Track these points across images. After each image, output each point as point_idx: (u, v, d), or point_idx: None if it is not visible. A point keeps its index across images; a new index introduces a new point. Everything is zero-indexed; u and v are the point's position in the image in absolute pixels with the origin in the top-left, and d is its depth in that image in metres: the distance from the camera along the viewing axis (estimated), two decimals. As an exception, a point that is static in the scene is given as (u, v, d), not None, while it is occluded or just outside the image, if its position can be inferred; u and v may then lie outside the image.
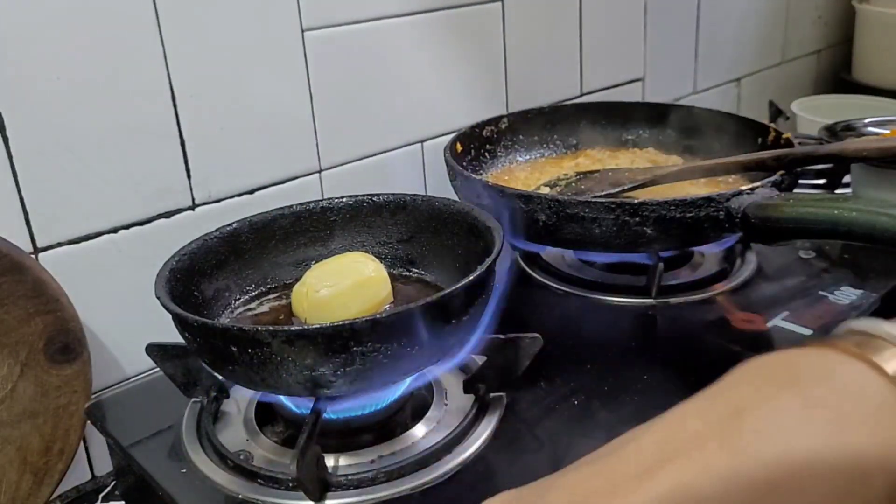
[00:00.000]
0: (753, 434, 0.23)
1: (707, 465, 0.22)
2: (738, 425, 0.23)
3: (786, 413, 0.23)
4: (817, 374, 0.24)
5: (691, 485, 0.22)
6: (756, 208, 0.61)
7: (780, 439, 0.22)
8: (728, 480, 0.22)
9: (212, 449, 0.55)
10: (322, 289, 0.57)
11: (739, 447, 0.22)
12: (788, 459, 0.22)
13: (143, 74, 0.65)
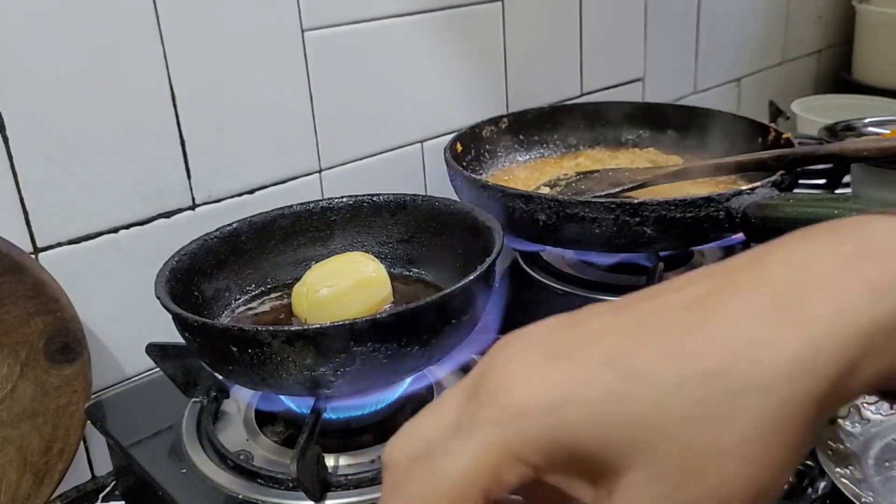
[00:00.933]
0: (781, 260, 0.24)
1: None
2: (770, 254, 0.24)
3: (814, 247, 0.24)
4: (852, 226, 0.25)
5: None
6: (756, 208, 0.61)
7: (803, 263, 0.24)
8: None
9: (212, 449, 0.55)
10: (322, 289, 0.57)
11: (764, 267, 0.24)
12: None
13: (143, 74, 0.65)
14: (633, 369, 0.22)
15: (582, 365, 0.23)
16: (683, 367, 0.22)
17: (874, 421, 0.66)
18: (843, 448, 0.63)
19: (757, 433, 0.21)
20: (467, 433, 0.23)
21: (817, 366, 0.22)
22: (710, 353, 0.22)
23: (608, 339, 0.23)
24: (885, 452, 0.63)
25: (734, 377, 0.21)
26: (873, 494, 0.57)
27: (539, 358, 0.23)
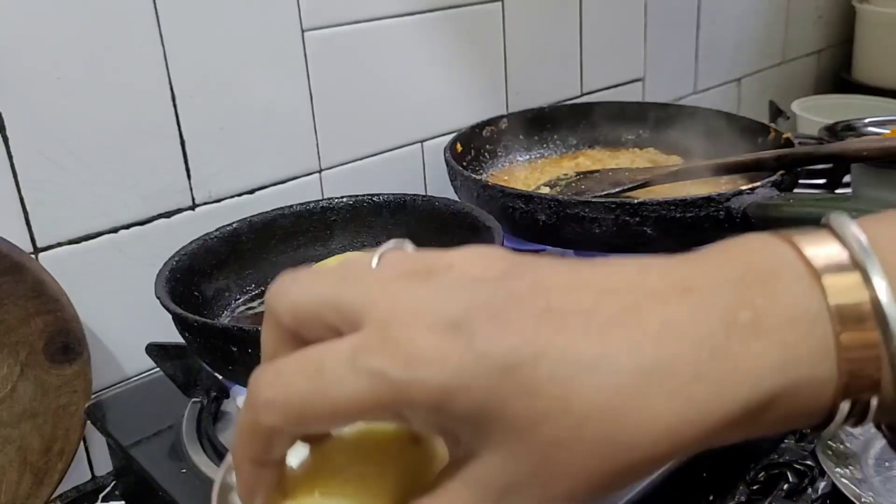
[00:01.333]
0: (688, 314, 0.24)
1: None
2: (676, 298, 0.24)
3: (719, 303, 0.24)
4: (760, 278, 0.25)
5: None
6: (756, 208, 0.61)
7: (703, 328, 0.24)
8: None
9: (212, 449, 0.55)
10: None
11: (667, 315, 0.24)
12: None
13: (143, 74, 0.65)
14: (526, 372, 0.23)
15: (482, 352, 0.23)
16: (569, 387, 0.23)
17: (874, 421, 0.66)
18: (843, 448, 0.63)
19: (602, 471, 0.23)
20: (363, 372, 0.23)
21: (680, 439, 0.23)
22: (594, 390, 0.23)
23: (511, 329, 0.23)
24: (886, 452, 0.63)
25: (605, 419, 0.23)
26: (873, 494, 0.57)
27: (444, 326, 0.23)
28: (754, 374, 0.23)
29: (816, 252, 0.24)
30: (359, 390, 0.23)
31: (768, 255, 0.26)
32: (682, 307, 0.24)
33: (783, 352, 0.23)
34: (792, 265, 0.25)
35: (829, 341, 0.23)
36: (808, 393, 0.24)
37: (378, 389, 0.23)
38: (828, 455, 0.61)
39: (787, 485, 0.58)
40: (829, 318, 0.23)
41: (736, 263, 0.26)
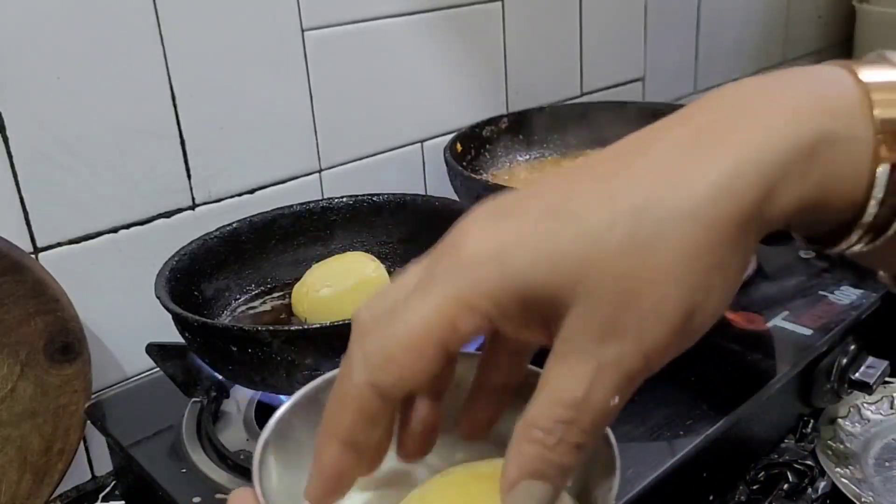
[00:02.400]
0: (715, 97, 0.25)
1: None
2: (705, 97, 0.26)
3: (748, 85, 0.25)
4: (800, 75, 0.26)
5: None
6: (756, 208, 0.61)
7: (734, 97, 0.25)
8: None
9: (212, 449, 0.55)
10: (322, 289, 0.57)
11: (697, 105, 0.25)
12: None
13: (143, 74, 0.65)
14: (568, 213, 0.24)
15: (523, 217, 0.24)
16: (614, 205, 0.23)
17: (874, 421, 0.66)
18: (844, 448, 0.63)
19: (684, 256, 0.23)
20: (425, 289, 0.25)
21: (738, 190, 0.23)
22: (637, 189, 0.23)
23: (546, 193, 0.25)
24: (885, 452, 0.63)
25: (660, 208, 0.23)
26: (873, 494, 0.57)
27: (488, 218, 0.25)
28: (793, 115, 0.24)
29: (869, 71, 0.25)
30: (429, 303, 0.24)
31: (810, 68, 0.26)
32: (708, 97, 0.25)
33: (821, 102, 0.24)
34: (835, 70, 0.26)
35: (867, 110, 0.24)
36: (847, 148, 0.24)
37: (444, 293, 0.24)
38: (828, 455, 0.61)
39: (787, 485, 0.58)
40: (867, 98, 0.24)
41: (778, 76, 0.26)
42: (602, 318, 0.23)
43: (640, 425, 0.53)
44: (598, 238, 0.23)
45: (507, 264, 0.24)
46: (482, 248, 0.24)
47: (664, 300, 0.23)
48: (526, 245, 0.24)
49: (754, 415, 0.58)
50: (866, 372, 0.64)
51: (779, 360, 0.61)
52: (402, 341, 0.24)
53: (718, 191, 0.23)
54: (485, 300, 0.24)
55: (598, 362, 0.23)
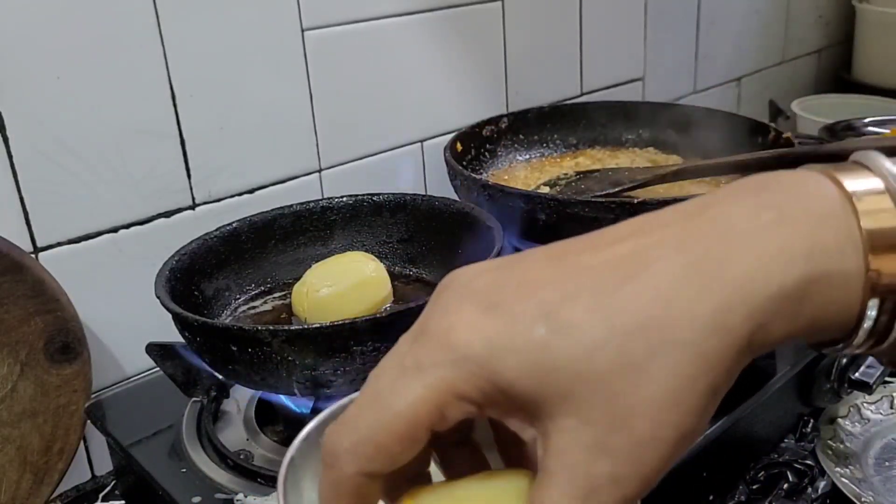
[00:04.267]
0: (709, 221, 0.25)
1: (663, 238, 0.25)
2: (700, 214, 0.25)
3: (739, 209, 0.25)
4: (783, 186, 0.26)
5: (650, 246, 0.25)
6: (756, 208, 0.61)
7: (726, 226, 0.25)
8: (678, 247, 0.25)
9: (212, 448, 0.55)
10: (322, 288, 0.57)
11: (692, 227, 0.25)
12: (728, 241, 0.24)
13: (143, 74, 0.65)
14: (563, 322, 0.23)
15: (516, 317, 0.24)
16: (609, 322, 0.23)
17: (874, 420, 0.66)
18: (843, 448, 0.63)
19: (678, 383, 0.23)
20: (412, 375, 0.24)
21: (730, 325, 0.23)
22: (633, 309, 0.23)
23: (541, 292, 0.24)
24: (885, 452, 0.63)
25: (655, 333, 0.23)
26: (873, 494, 0.57)
27: (477, 308, 0.25)
28: (783, 257, 0.24)
29: (850, 180, 0.25)
30: (416, 390, 0.24)
31: (797, 176, 0.26)
32: (702, 218, 0.25)
33: (810, 240, 0.24)
34: (820, 181, 0.26)
35: (855, 235, 0.24)
36: (839, 284, 0.24)
37: (431, 381, 0.24)
38: (828, 455, 0.61)
39: (787, 484, 0.58)
40: (853, 216, 0.24)
41: (760, 179, 0.26)
42: (595, 437, 0.23)
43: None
44: (591, 355, 0.23)
45: (497, 365, 0.24)
46: (471, 342, 0.24)
47: (661, 426, 0.23)
48: (518, 351, 0.24)
49: (754, 415, 0.58)
50: (866, 372, 0.64)
51: (779, 359, 0.61)
52: (392, 429, 0.24)
53: (710, 325, 0.23)
54: (474, 392, 0.24)
55: (592, 484, 0.23)
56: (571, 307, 0.24)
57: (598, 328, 0.23)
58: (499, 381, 0.24)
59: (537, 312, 0.24)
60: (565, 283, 0.24)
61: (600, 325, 0.23)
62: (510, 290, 0.25)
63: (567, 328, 0.23)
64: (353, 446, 0.24)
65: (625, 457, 0.23)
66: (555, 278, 0.25)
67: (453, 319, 0.24)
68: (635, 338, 0.23)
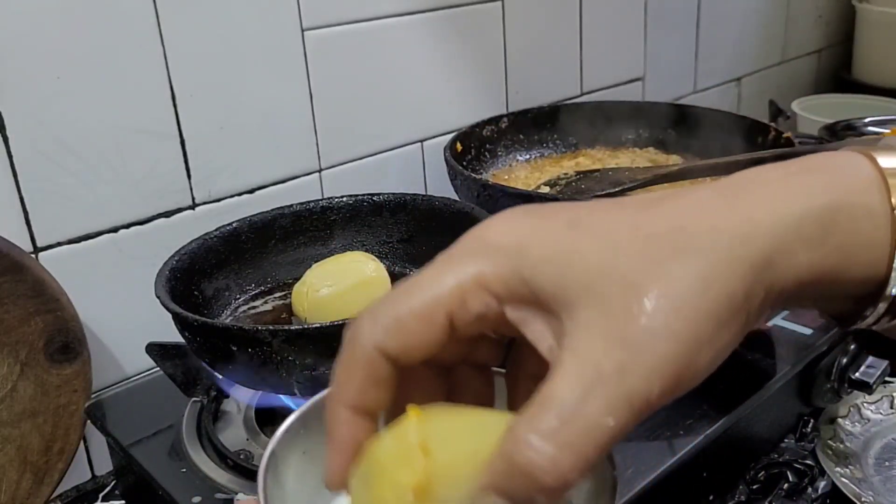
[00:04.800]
0: (741, 177, 0.27)
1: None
2: (734, 177, 0.27)
3: (770, 170, 0.27)
4: (818, 160, 0.27)
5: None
6: (756, 208, 0.61)
7: (757, 177, 0.26)
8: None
9: (212, 448, 0.55)
10: (322, 288, 0.57)
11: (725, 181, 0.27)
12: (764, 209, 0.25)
13: (143, 74, 0.65)
14: (592, 226, 0.25)
15: (550, 220, 0.26)
16: (635, 228, 0.25)
17: (874, 420, 0.66)
18: (844, 447, 0.63)
19: (696, 285, 0.23)
20: (441, 267, 0.26)
21: (751, 237, 0.24)
22: (660, 220, 0.25)
23: (578, 208, 0.26)
24: (885, 452, 0.63)
25: (679, 238, 0.24)
26: (873, 494, 0.57)
27: (516, 214, 0.27)
28: (808, 188, 0.25)
29: (885, 158, 0.26)
30: (443, 275, 0.25)
31: (829, 151, 0.28)
32: (736, 177, 0.27)
33: (836, 180, 0.26)
34: (853, 157, 0.27)
35: (881, 183, 0.26)
36: (864, 217, 0.25)
37: (459, 268, 0.25)
38: (828, 455, 0.61)
39: (787, 484, 0.58)
40: (882, 181, 0.26)
41: (794, 161, 0.27)
42: (610, 327, 0.23)
43: (640, 425, 0.53)
44: (615, 253, 0.24)
45: (524, 256, 0.25)
46: (505, 237, 0.26)
47: (676, 318, 0.23)
48: (545, 242, 0.25)
49: (754, 414, 0.58)
50: (866, 371, 0.64)
51: (779, 359, 0.61)
52: (414, 309, 0.25)
53: (733, 235, 0.24)
54: (498, 282, 0.25)
55: (599, 372, 0.23)
56: (601, 217, 0.25)
57: (624, 232, 0.25)
58: (524, 272, 0.25)
59: (569, 217, 0.26)
60: (601, 208, 0.26)
61: (626, 230, 0.25)
62: (551, 209, 0.27)
63: (594, 230, 0.25)
64: (372, 321, 0.26)
65: (636, 346, 0.23)
66: (593, 206, 0.27)
67: (491, 223, 0.26)
68: (660, 241, 0.24)
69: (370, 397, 0.26)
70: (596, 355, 0.23)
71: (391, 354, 0.25)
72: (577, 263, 0.24)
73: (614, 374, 0.22)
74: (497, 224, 0.26)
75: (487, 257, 0.25)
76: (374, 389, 0.26)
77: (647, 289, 0.23)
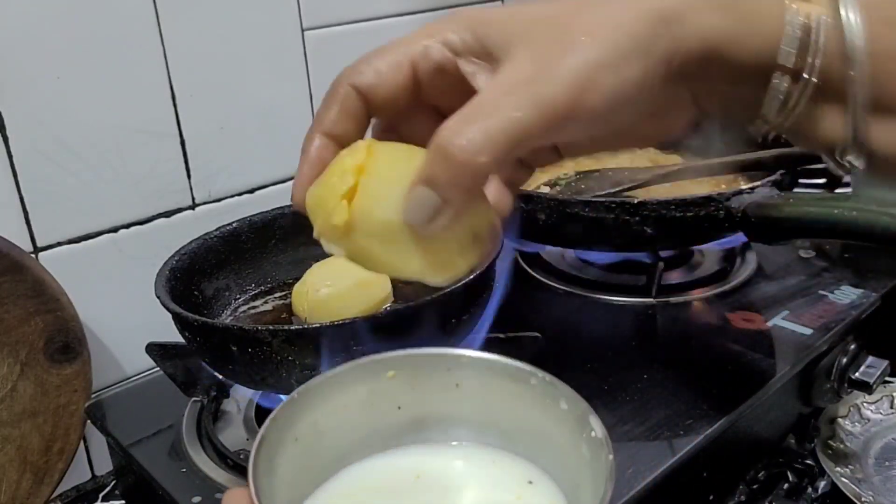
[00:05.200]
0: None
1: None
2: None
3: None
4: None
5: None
6: (756, 207, 0.61)
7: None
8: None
9: (212, 448, 0.55)
10: (322, 288, 0.57)
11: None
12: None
13: (143, 74, 0.65)
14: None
15: (508, 4, 0.31)
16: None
17: (874, 420, 0.67)
18: (844, 447, 0.63)
19: (607, 20, 0.28)
20: (419, 30, 0.31)
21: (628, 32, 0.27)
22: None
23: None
24: (885, 451, 0.63)
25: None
26: (873, 493, 0.57)
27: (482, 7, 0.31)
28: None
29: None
30: (414, 33, 0.31)
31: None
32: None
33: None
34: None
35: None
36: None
37: (427, 27, 0.31)
38: (828, 455, 0.61)
39: (787, 484, 0.58)
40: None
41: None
42: (534, 54, 0.28)
43: (640, 425, 0.53)
44: (553, 9, 0.29)
45: (483, 21, 0.30)
46: (474, 11, 0.31)
47: (593, 52, 0.27)
48: (494, 12, 0.30)
49: (754, 415, 0.58)
50: (866, 371, 0.64)
51: (779, 359, 0.61)
52: (386, 57, 0.31)
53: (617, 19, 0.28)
54: (456, 40, 0.30)
55: (515, 81, 0.28)
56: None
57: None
58: (479, 31, 0.30)
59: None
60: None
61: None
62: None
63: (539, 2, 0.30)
64: (352, 68, 0.31)
65: (548, 61, 0.27)
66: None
67: (462, 9, 0.31)
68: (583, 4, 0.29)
69: (341, 127, 0.32)
70: (513, 73, 0.28)
71: (362, 90, 0.31)
72: (521, 18, 0.29)
73: (525, 82, 0.27)
74: (466, 9, 0.32)
75: (454, 23, 0.31)
76: (345, 120, 0.32)
77: (570, 27, 0.28)
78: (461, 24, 0.30)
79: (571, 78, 0.27)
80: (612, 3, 0.28)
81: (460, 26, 0.30)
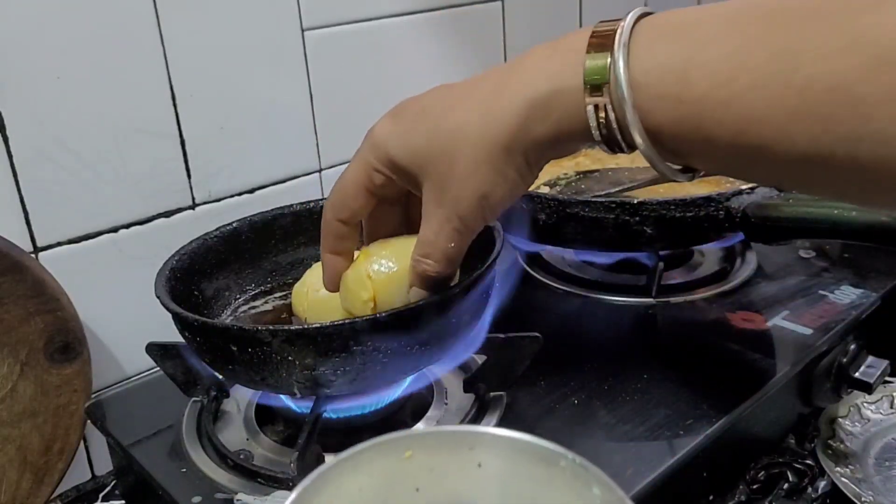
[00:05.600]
0: (517, 61, 0.39)
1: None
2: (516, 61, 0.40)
3: (534, 59, 0.38)
4: (572, 40, 0.37)
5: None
6: (756, 208, 0.61)
7: (521, 63, 0.39)
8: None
9: (212, 448, 0.55)
10: (322, 288, 0.57)
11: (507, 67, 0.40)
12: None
13: (143, 74, 0.65)
14: (425, 118, 0.41)
15: (405, 117, 0.43)
16: (447, 123, 0.40)
17: (874, 420, 0.67)
18: (844, 447, 0.63)
19: (476, 163, 0.39)
20: (355, 158, 0.45)
21: (502, 123, 0.38)
22: (459, 117, 0.40)
23: (423, 101, 0.42)
24: (885, 452, 0.63)
25: (459, 134, 0.39)
26: (873, 493, 0.57)
27: (389, 116, 0.44)
28: (539, 78, 0.37)
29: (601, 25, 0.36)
30: (354, 165, 0.45)
31: (579, 36, 0.37)
32: (486, 81, 0.40)
33: (560, 66, 0.36)
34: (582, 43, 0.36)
35: (579, 63, 0.35)
36: (570, 96, 0.36)
37: (360, 158, 0.44)
38: (828, 455, 0.61)
39: (787, 484, 0.58)
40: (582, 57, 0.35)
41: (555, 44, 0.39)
42: (437, 191, 0.41)
43: (640, 425, 0.53)
44: (433, 148, 0.41)
45: (389, 148, 0.42)
46: (380, 135, 0.43)
47: (468, 184, 0.40)
48: (399, 138, 0.42)
49: (754, 415, 0.58)
50: (866, 371, 0.64)
51: (779, 359, 0.61)
52: (345, 187, 0.45)
53: (485, 126, 0.38)
54: (381, 165, 0.43)
55: (438, 219, 0.41)
56: (431, 113, 0.41)
57: (434, 134, 0.41)
58: (391, 159, 0.42)
59: (417, 113, 0.42)
60: (436, 100, 0.42)
61: (435, 133, 0.40)
62: (408, 105, 0.43)
63: (426, 122, 0.41)
64: (330, 202, 0.47)
65: (452, 202, 0.41)
66: (433, 98, 0.42)
67: (376, 125, 0.44)
68: (452, 138, 0.40)
69: (341, 246, 0.48)
70: (435, 209, 0.41)
71: (342, 220, 0.47)
72: (417, 151, 0.41)
73: (445, 219, 0.41)
74: (377, 126, 0.43)
75: (372, 150, 0.43)
76: (342, 241, 0.48)
77: (453, 168, 0.40)
78: (380, 152, 0.43)
79: (472, 197, 0.40)
80: (466, 142, 0.39)
81: (380, 155, 0.43)
